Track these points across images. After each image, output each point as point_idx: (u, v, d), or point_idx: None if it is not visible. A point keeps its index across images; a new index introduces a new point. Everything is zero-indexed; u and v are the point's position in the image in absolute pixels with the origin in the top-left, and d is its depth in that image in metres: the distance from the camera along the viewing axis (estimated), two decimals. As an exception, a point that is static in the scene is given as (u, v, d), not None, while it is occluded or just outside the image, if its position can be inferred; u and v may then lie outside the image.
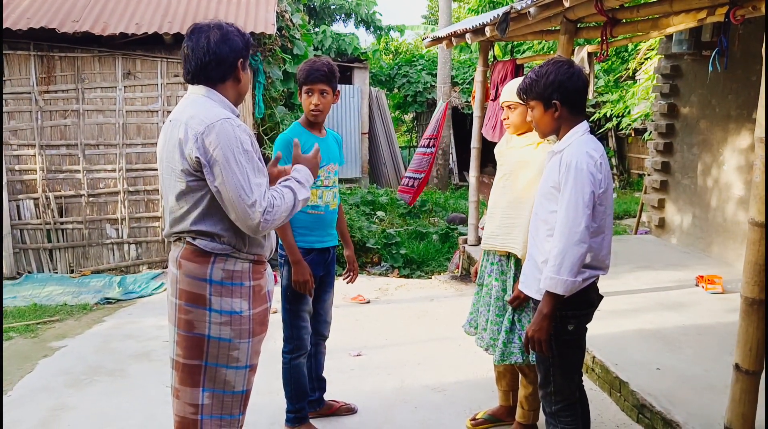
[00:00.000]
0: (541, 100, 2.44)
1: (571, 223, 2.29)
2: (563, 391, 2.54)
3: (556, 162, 2.43)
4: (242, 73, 2.22)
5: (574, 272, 2.28)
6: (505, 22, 4.64)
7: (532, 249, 2.58)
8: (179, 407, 2.19)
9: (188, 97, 2.19)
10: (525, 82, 2.50)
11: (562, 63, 2.44)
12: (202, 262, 2.12)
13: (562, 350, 2.49)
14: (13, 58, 6.51)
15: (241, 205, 2.01)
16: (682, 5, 3.80)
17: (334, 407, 3.55)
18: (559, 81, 2.39)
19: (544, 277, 2.35)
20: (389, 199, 10.66)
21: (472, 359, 4.34)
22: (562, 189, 2.35)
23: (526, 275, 2.63)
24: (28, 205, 6.66)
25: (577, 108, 2.45)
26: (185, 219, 2.12)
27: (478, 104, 6.73)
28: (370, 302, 5.82)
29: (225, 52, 2.12)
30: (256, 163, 2.08)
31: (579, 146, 2.38)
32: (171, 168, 2.11)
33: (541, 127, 2.52)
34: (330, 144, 3.24)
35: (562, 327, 2.45)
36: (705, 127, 6.53)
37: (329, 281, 3.33)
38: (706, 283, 5.29)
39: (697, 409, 3.24)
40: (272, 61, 7.00)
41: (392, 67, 16.92)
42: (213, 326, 2.13)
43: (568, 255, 2.28)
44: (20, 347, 4.68)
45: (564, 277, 2.29)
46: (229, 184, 2.00)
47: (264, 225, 2.04)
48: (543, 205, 2.50)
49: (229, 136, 2.02)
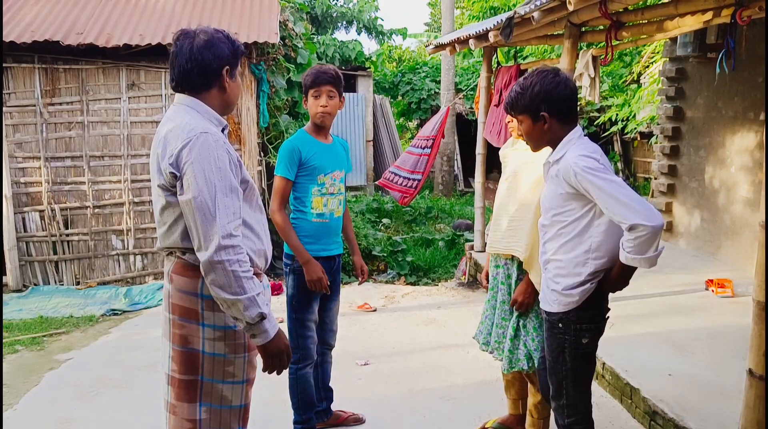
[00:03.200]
0: (529, 113, 2.39)
1: (633, 206, 2.16)
2: (577, 404, 2.50)
3: (555, 173, 2.38)
4: (229, 82, 2.10)
5: (655, 246, 2.19)
6: (509, 27, 4.62)
7: (547, 264, 2.50)
8: (176, 424, 2.13)
9: (173, 106, 2.10)
10: (510, 96, 2.44)
11: (546, 73, 2.39)
12: (192, 276, 2.06)
13: (577, 363, 2.45)
14: (18, 70, 6.53)
15: (203, 225, 1.90)
16: (688, 7, 3.77)
17: (341, 417, 3.51)
18: (545, 91, 2.34)
19: (624, 256, 2.23)
20: (394, 207, 10.64)
21: (481, 367, 4.30)
22: (593, 195, 2.25)
23: (543, 291, 2.56)
24: (34, 217, 6.67)
25: (566, 117, 2.40)
26: (171, 234, 2.05)
27: (483, 110, 6.71)
28: (377, 310, 5.79)
29: (208, 58, 2.03)
30: (230, 181, 1.96)
31: (574, 151, 2.33)
32: (154, 183, 2.06)
33: (532, 140, 2.47)
34: (337, 150, 3.22)
35: (577, 340, 2.41)
36: (711, 130, 6.49)
37: (335, 289, 3.30)
38: (715, 287, 5.24)
39: (711, 415, 3.19)
40: (276, 70, 7.01)
41: (396, 75, 16.94)
42: (207, 342, 2.08)
43: (649, 234, 2.14)
44: (26, 360, 4.66)
45: (648, 255, 2.19)
46: (194, 200, 1.90)
47: (221, 254, 1.88)
48: (554, 220, 2.42)
49: (203, 151, 1.92)
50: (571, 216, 2.37)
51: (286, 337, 2.08)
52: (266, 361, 2.06)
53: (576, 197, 2.33)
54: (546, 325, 2.53)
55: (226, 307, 1.96)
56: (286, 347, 2.07)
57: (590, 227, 2.35)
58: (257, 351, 2.12)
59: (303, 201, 3.11)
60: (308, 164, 3.06)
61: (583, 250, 2.37)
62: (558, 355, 2.47)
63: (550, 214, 2.45)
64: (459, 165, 15.27)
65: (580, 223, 2.36)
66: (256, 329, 1.98)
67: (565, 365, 2.42)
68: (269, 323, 2.00)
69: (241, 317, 1.95)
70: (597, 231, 2.35)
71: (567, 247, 2.39)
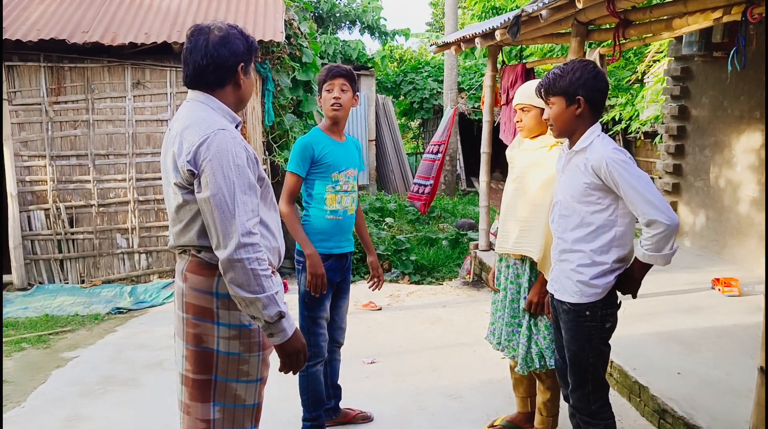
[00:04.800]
0: (565, 95, 2.44)
1: (657, 203, 2.28)
2: (601, 389, 2.57)
3: (582, 163, 2.42)
4: (243, 79, 2.08)
5: (671, 244, 2.34)
6: (516, 26, 4.62)
7: (565, 254, 2.53)
8: (190, 424, 2.12)
9: (186, 103, 2.08)
10: (549, 77, 2.49)
11: (588, 62, 2.47)
12: (208, 275, 2.04)
13: (601, 348, 2.53)
14: (23, 69, 6.53)
15: (222, 223, 1.88)
16: (697, 5, 3.76)
17: (350, 415, 3.51)
18: (586, 79, 2.41)
19: (641, 254, 2.36)
20: (397, 206, 10.64)
21: (488, 365, 4.30)
22: (621, 188, 2.33)
23: (559, 282, 2.58)
24: (39, 215, 6.66)
25: (597, 108, 2.47)
26: (187, 232, 2.03)
27: (488, 109, 6.71)
28: (382, 309, 5.79)
29: (224, 55, 2.00)
30: (248, 179, 1.96)
31: (604, 145, 2.40)
32: (168, 180, 2.04)
33: (559, 123, 2.50)
34: (350, 149, 3.21)
35: (602, 326, 2.50)
36: (717, 129, 6.48)
37: (345, 288, 3.30)
38: (722, 286, 5.23)
39: (720, 413, 3.18)
40: (281, 69, 7.00)
41: (398, 74, 16.94)
42: (222, 341, 2.05)
43: (667, 232, 2.30)
44: (33, 358, 4.66)
45: (665, 253, 2.33)
46: (213, 198, 1.89)
47: (241, 252, 1.87)
48: (577, 209, 2.47)
49: (221, 148, 1.91)
50: (596, 206, 2.42)
51: (303, 336, 2.08)
52: (283, 360, 2.05)
53: (602, 188, 2.40)
54: (568, 316, 2.53)
55: (244, 306, 1.94)
56: (303, 346, 2.07)
57: (616, 217, 2.42)
58: (271, 349, 2.11)
59: (317, 198, 3.11)
60: (322, 162, 3.05)
61: (608, 239, 2.43)
62: (584, 344, 2.51)
63: (573, 204, 2.48)
64: (461, 164, 15.27)
65: (606, 212, 2.42)
66: (275, 328, 1.96)
67: (592, 352, 2.50)
68: (287, 322, 1.99)
69: (259, 316, 1.94)
70: (623, 221, 2.43)
71: (591, 237, 2.45)
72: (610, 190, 2.39)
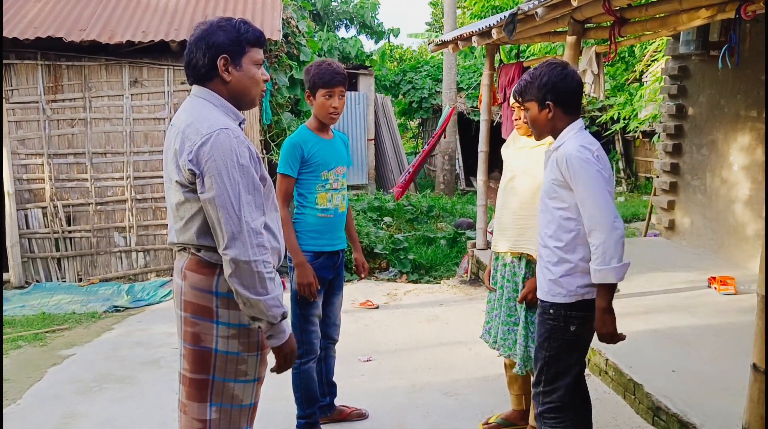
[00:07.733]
0: (536, 100, 2.49)
1: (600, 211, 2.30)
2: (552, 392, 2.52)
3: (553, 160, 2.47)
4: (227, 73, 2.01)
5: (620, 256, 2.30)
6: (512, 24, 4.62)
7: (541, 249, 2.57)
8: (186, 423, 2.11)
9: (189, 99, 2.07)
10: (520, 84, 2.56)
11: (555, 65, 2.50)
12: (208, 273, 2.02)
13: (560, 350, 2.49)
14: (21, 67, 6.54)
15: (227, 224, 1.88)
16: (692, 2, 3.76)
17: (345, 413, 3.51)
18: (553, 82, 2.44)
19: (593, 271, 2.33)
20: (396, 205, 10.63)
21: (484, 363, 4.30)
22: (573, 185, 2.36)
23: (538, 279, 2.61)
24: (36, 214, 6.67)
25: (570, 108, 2.49)
26: (188, 230, 2.02)
27: (485, 108, 6.71)
28: (379, 307, 5.79)
29: (202, 48, 1.99)
30: (252, 178, 1.95)
31: (574, 141, 2.42)
32: (169, 176, 2.03)
33: (536, 127, 2.56)
34: (338, 146, 3.22)
35: (565, 327, 2.46)
36: (714, 128, 6.48)
37: (338, 284, 3.31)
38: (718, 285, 5.23)
39: (714, 410, 3.19)
40: (278, 67, 7.01)
41: (397, 74, 16.93)
42: (220, 340, 2.04)
43: (609, 242, 2.28)
44: (29, 355, 4.66)
45: (613, 265, 2.29)
46: (218, 199, 1.88)
47: (248, 254, 1.87)
48: (548, 205, 2.51)
49: (224, 148, 1.89)
50: (561, 202, 2.45)
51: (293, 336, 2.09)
52: (279, 361, 2.05)
53: (564, 185, 2.42)
54: (538, 311, 2.59)
55: (247, 306, 1.93)
56: (296, 346, 2.08)
57: (579, 215, 2.41)
58: (269, 348, 2.10)
59: (308, 197, 3.10)
60: (311, 161, 3.05)
61: (572, 237, 2.44)
62: (543, 341, 2.52)
63: (546, 200, 2.52)
64: (460, 164, 15.26)
65: (570, 211, 2.43)
66: (276, 329, 1.97)
67: (549, 351, 2.48)
68: (287, 323, 2.00)
69: (262, 317, 1.94)
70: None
71: (558, 233, 2.46)
72: (572, 188, 2.40)
